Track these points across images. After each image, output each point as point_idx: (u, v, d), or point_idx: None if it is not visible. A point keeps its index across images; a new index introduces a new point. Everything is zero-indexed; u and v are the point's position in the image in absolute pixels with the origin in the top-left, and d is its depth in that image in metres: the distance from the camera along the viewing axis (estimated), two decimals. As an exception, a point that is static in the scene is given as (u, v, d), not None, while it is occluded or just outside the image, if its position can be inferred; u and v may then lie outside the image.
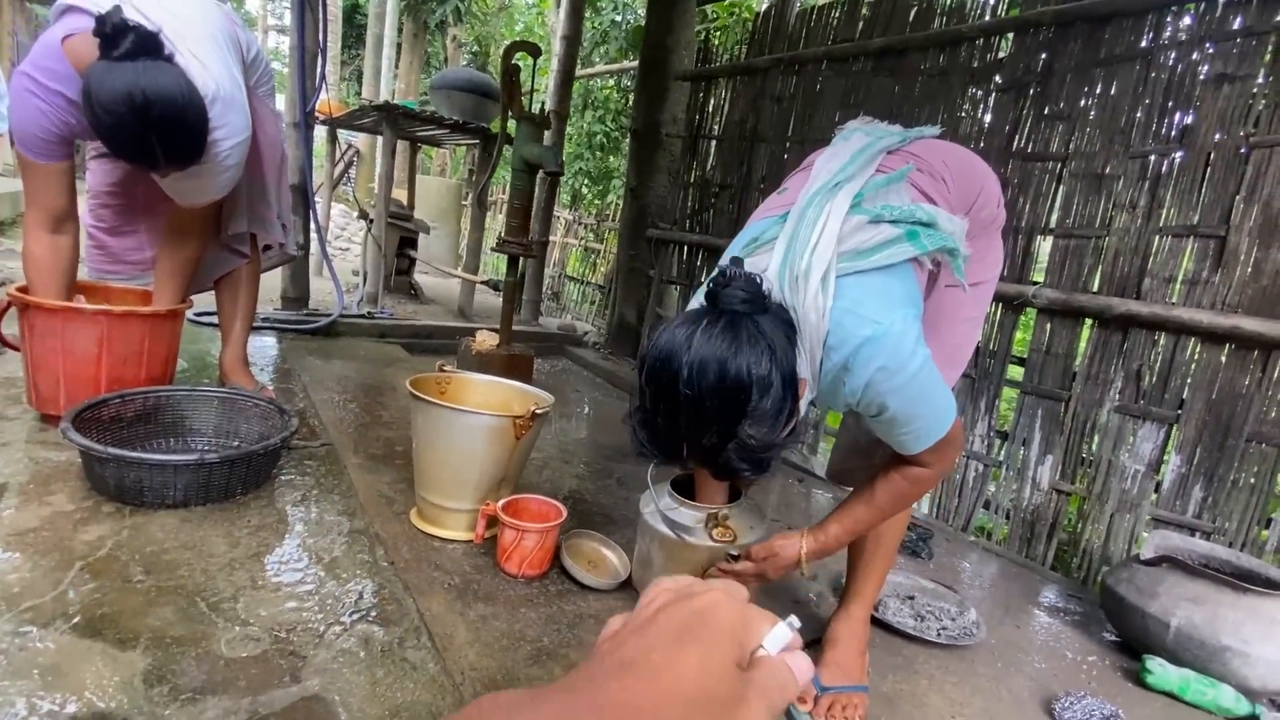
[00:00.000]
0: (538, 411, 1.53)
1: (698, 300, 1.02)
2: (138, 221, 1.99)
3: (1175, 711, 1.42)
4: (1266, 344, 1.73)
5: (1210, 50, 1.87)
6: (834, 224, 0.97)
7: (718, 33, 4.32)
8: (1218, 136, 1.83)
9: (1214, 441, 1.84)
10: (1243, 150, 1.79)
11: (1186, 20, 1.95)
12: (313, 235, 3.33)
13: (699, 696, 0.27)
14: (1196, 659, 1.47)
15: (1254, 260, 1.76)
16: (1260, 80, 1.77)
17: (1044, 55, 2.20)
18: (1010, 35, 2.32)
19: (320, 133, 4.38)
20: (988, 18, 2.39)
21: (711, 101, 3.58)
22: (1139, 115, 1.97)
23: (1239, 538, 1.79)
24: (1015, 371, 2.37)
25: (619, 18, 8.47)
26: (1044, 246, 2.21)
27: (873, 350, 0.93)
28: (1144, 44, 1.99)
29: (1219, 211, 1.82)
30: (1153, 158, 1.95)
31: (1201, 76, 1.87)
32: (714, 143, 3.54)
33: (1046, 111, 2.17)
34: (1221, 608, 1.46)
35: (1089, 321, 2.08)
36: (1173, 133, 1.93)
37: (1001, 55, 2.34)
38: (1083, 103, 2.09)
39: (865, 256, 0.98)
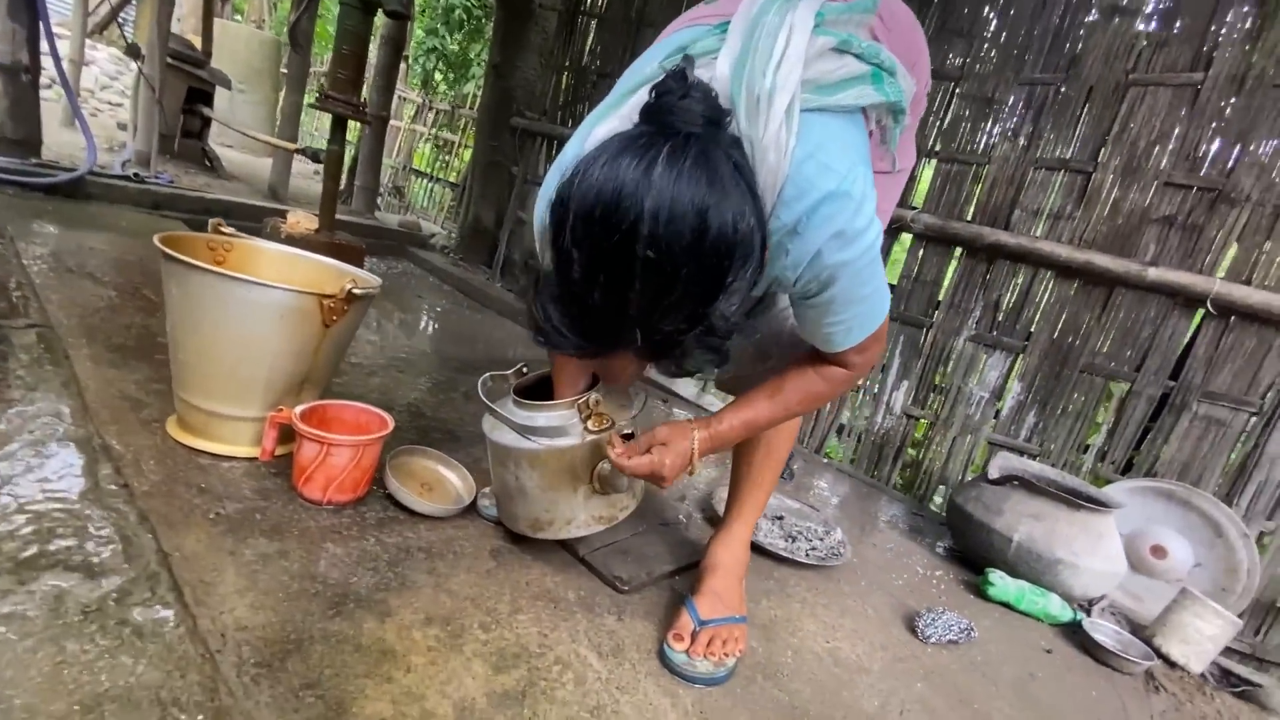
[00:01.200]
0: (355, 292, 1.15)
1: (621, 117, 0.72)
2: None
3: (1010, 620, 1.49)
4: (1112, 280, 1.82)
5: (1104, -21, 1.85)
6: (799, 39, 0.71)
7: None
8: (1100, 70, 1.84)
9: (1052, 371, 1.94)
10: (1119, 86, 1.81)
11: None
12: (46, 59, 2.44)
13: None
14: (1033, 571, 1.54)
15: (1113, 199, 1.82)
16: (1148, 10, 1.78)
17: (951, -37, 2.09)
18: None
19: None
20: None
21: (594, -28, 3.13)
22: (1034, 39, 1.94)
23: (1060, 460, 1.93)
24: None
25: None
26: (927, 171, 2.18)
27: (832, 209, 0.71)
28: (1048, -37, 1.93)
29: (1091, 147, 1.86)
30: (1039, 87, 1.94)
31: (1094, 4, 1.86)
32: (595, 21, 3.12)
33: (947, 25, 2.08)
34: (1059, 523, 1.54)
35: (959, 250, 2.09)
36: (1061, 61, 1.92)
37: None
38: (983, 19, 2.02)
39: (828, 93, 0.74)
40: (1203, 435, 1.72)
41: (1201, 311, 1.72)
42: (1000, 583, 1.52)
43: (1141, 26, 1.79)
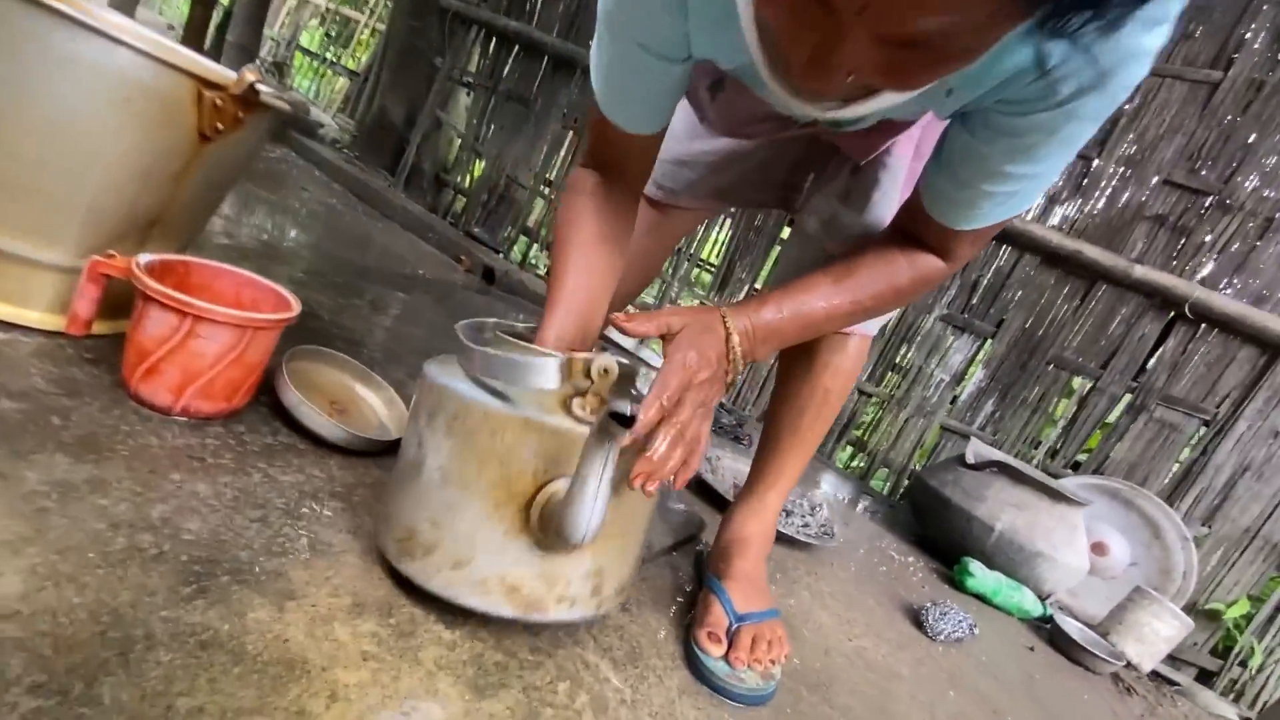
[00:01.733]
0: (260, 90, 0.74)
1: None
2: None
3: (985, 614, 1.38)
4: (1095, 273, 1.78)
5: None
6: None
7: None
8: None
9: (1018, 361, 1.89)
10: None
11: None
12: None
13: None
14: (1011, 563, 1.45)
15: (1111, 190, 1.77)
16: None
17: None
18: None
19: None
20: None
21: None
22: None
23: (1011, 452, 1.89)
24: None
25: None
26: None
27: (1133, 49, 0.47)
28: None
29: (1099, 133, 1.79)
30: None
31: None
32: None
33: None
34: (1041, 515, 1.45)
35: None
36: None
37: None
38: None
39: None
40: (1154, 438, 1.74)
41: (1172, 315, 1.72)
42: (979, 574, 1.41)
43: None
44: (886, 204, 0.77)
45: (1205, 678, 1.68)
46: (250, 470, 0.69)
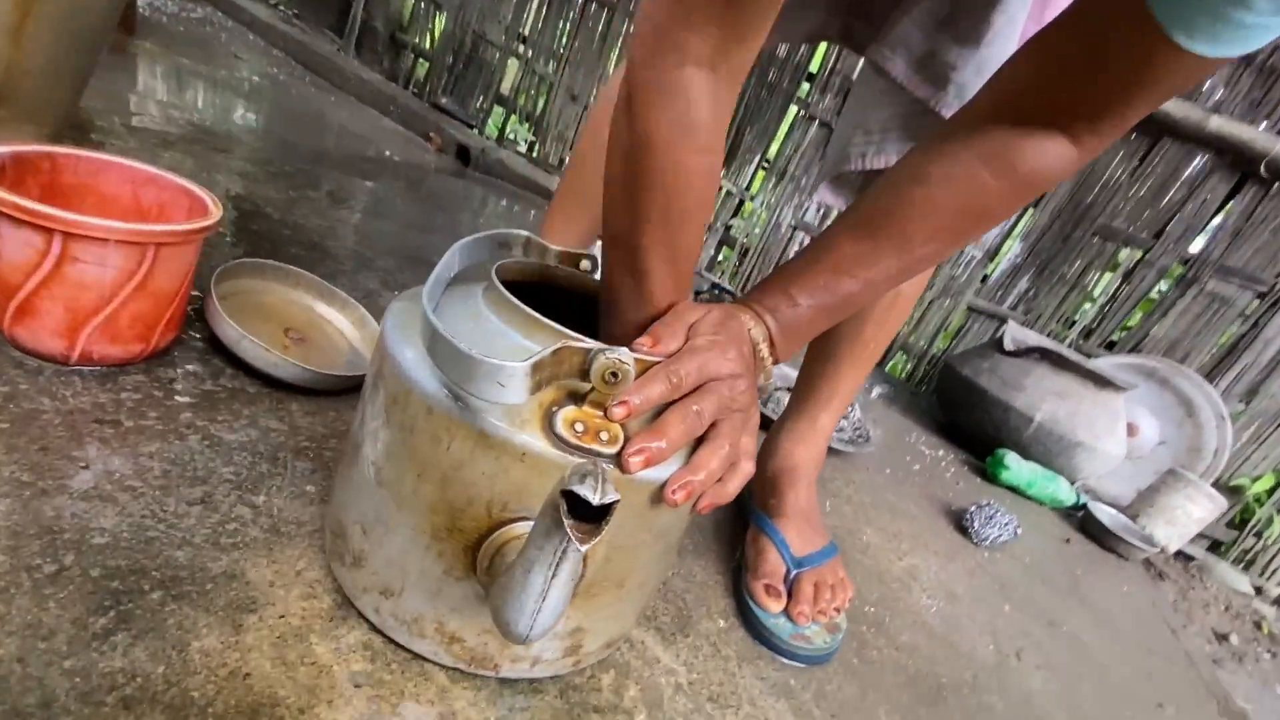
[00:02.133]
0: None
1: None
2: None
3: (1019, 506, 1.32)
4: (1162, 127, 1.56)
5: None
6: None
7: None
8: None
9: (1061, 232, 1.72)
10: None
11: None
12: None
13: None
14: (1048, 453, 1.37)
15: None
16: None
17: None
18: None
19: None
20: None
21: None
22: None
23: (1044, 332, 1.77)
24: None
25: None
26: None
27: None
28: None
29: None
30: None
31: None
32: None
33: None
34: (1083, 402, 1.36)
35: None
36: None
37: None
38: None
39: None
40: (1202, 312, 1.62)
41: (1241, 175, 1.53)
42: (1015, 466, 1.33)
43: None
44: (1013, 31, 0.56)
45: (1214, 548, 1.69)
46: (184, 432, 0.53)
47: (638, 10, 0.42)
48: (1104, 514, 1.34)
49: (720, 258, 2.17)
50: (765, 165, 1.99)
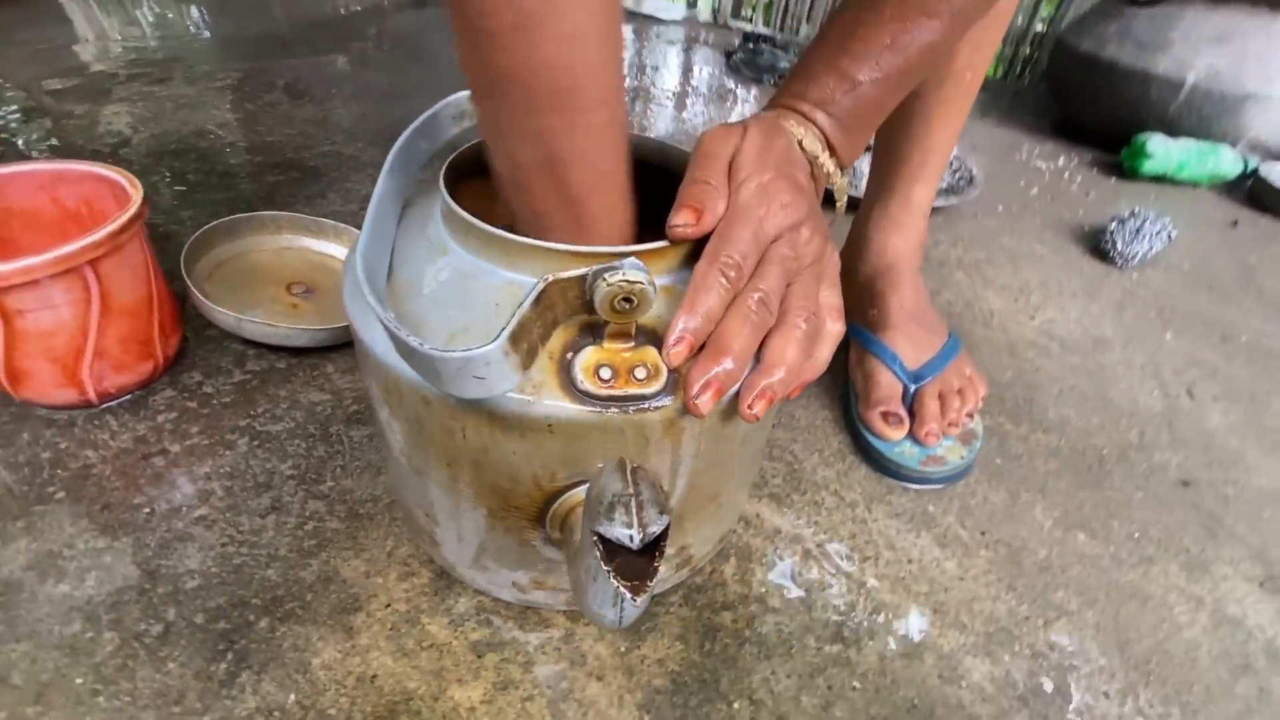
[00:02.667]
0: None
1: None
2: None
3: (1166, 196, 1.10)
4: None
5: None
6: None
7: None
8: None
9: None
10: None
11: None
12: None
13: None
14: (1205, 120, 1.10)
15: None
16: None
17: None
18: None
19: None
20: None
21: None
22: None
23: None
24: None
25: None
26: None
27: None
28: None
29: None
30: None
31: None
32: None
33: None
34: (1251, 40, 1.04)
35: None
36: None
37: None
38: None
39: None
40: None
41: None
42: (1160, 151, 1.09)
43: None
44: None
45: None
46: (230, 439, 0.51)
47: None
48: (1278, 175, 1.10)
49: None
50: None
